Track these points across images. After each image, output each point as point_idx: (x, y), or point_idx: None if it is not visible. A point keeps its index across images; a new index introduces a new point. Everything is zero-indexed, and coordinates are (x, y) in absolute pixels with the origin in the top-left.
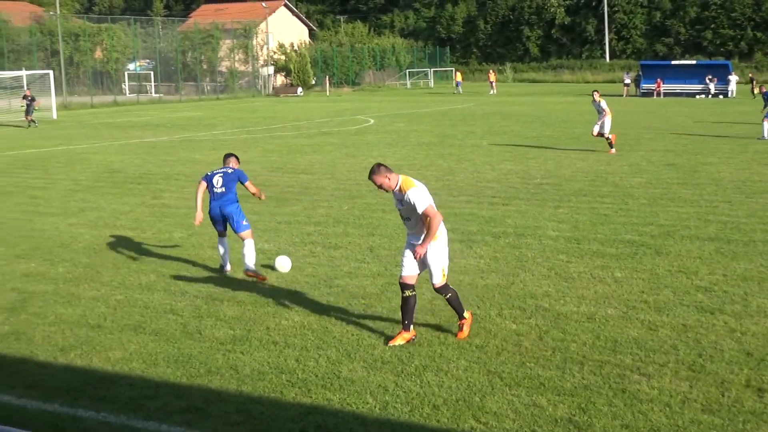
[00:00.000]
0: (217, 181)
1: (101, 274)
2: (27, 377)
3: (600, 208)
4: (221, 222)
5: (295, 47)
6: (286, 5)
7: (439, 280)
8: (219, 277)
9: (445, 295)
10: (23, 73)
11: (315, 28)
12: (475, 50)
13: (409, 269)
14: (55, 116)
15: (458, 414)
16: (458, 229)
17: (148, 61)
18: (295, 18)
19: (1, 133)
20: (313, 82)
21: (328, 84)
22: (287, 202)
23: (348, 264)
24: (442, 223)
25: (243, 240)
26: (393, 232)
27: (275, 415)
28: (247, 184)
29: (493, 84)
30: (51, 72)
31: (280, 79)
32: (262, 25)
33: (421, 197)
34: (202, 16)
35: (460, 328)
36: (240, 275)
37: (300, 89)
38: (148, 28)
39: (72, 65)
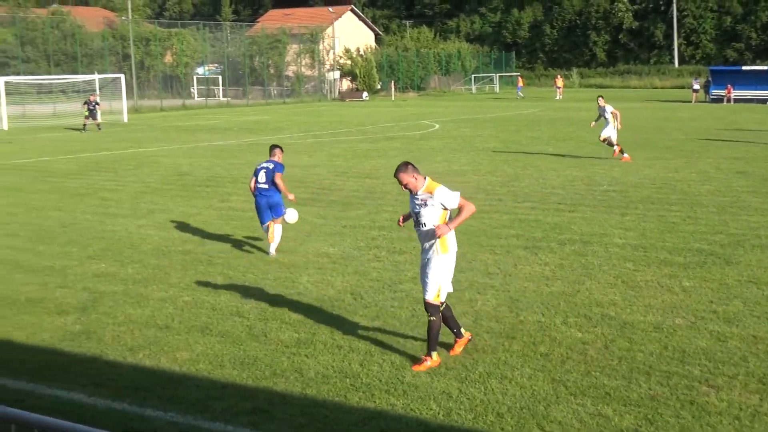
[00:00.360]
0: (261, 177)
1: (169, 275)
2: (97, 376)
3: (668, 216)
4: (268, 213)
5: (361, 52)
6: (352, 10)
7: (431, 296)
8: (285, 280)
9: (429, 316)
10: (95, 76)
11: (381, 33)
12: (541, 55)
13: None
14: (125, 119)
15: (522, 422)
16: (523, 236)
17: (216, 65)
18: (361, 23)
19: (73, 135)
20: (379, 87)
21: (393, 89)
22: (352, 206)
23: (412, 269)
24: (455, 239)
25: (275, 224)
26: (457, 238)
27: (339, 418)
28: (277, 177)
29: (560, 89)
30: (122, 76)
31: (346, 84)
32: (329, 30)
33: (450, 193)
34: (270, 21)
35: (421, 362)
36: (305, 279)
37: (365, 94)
38: (217, 32)
39: (143, 69)
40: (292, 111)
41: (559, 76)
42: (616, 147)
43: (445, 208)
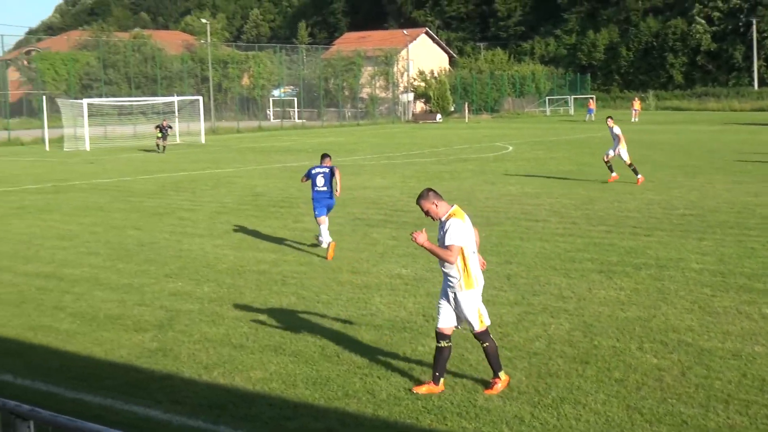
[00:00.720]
0: (319, 180)
1: (244, 294)
2: (173, 393)
3: (747, 241)
4: (323, 209)
5: (435, 74)
6: (427, 33)
7: (478, 326)
8: (357, 301)
9: (483, 343)
10: (175, 98)
11: (455, 55)
12: (616, 77)
13: (446, 320)
14: (203, 140)
15: None
16: (597, 260)
17: (292, 87)
18: (435, 45)
19: (152, 156)
20: (452, 109)
21: (467, 111)
22: (424, 227)
23: (485, 292)
24: (480, 275)
25: (323, 224)
26: (531, 261)
27: None
28: (337, 173)
29: (636, 112)
30: (200, 98)
31: (420, 106)
32: (403, 53)
33: (455, 232)
34: (345, 44)
35: (491, 386)
36: (378, 300)
37: (439, 116)
38: (293, 55)
39: (220, 91)
40: (365, 133)
41: (636, 99)
42: (608, 161)
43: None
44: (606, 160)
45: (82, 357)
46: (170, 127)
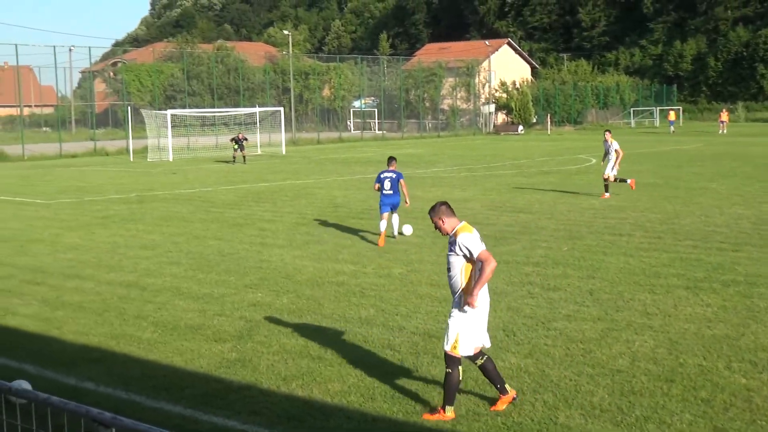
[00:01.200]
0: (387, 184)
1: (323, 306)
2: (252, 404)
3: None
4: (387, 207)
5: (517, 85)
6: (509, 43)
7: (449, 346)
8: (437, 315)
9: (447, 368)
10: (256, 110)
11: (537, 66)
12: (704, 88)
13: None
14: (284, 151)
15: None
16: (683, 275)
17: (372, 98)
18: (517, 56)
19: (236, 167)
20: (534, 121)
21: (549, 122)
22: (506, 241)
23: (567, 306)
24: (487, 294)
25: (394, 214)
26: (614, 276)
27: None
28: (402, 183)
29: (724, 124)
30: (282, 109)
31: (501, 117)
32: (485, 64)
33: (473, 242)
34: (426, 55)
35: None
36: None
37: (521, 127)
38: (374, 66)
39: (301, 102)
40: (446, 144)
41: (724, 110)
42: (608, 183)
43: (468, 259)
44: (610, 178)
45: (163, 366)
46: (246, 139)
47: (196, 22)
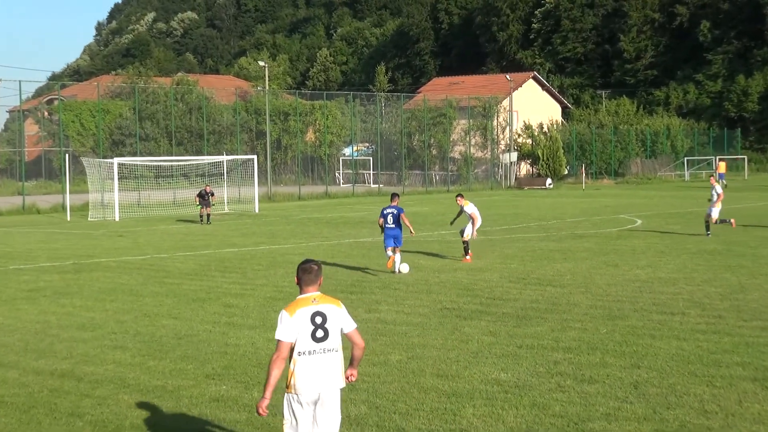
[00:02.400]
0: (389, 219)
1: None
2: None
3: None
4: (391, 241)
5: (545, 129)
6: (535, 78)
7: None
8: (444, 413)
9: None
10: (224, 158)
11: (570, 106)
12: None
13: None
14: (257, 209)
15: None
16: (750, 364)
17: (367, 144)
18: (545, 93)
19: (194, 228)
20: (566, 172)
21: (584, 174)
22: (530, 320)
23: (606, 403)
24: (306, 383)
25: (397, 252)
26: (664, 364)
27: None
28: (403, 216)
29: None
30: (255, 157)
31: (525, 168)
32: (505, 102)
33: (278, 324)
34: (433, 91)
35: None
36: (470, 412)
37: (549, 181)
38: (369, 105)
39: (279, 149)
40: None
41: None
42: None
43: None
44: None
45: None
46: (212, 194)
47: (151, 51)
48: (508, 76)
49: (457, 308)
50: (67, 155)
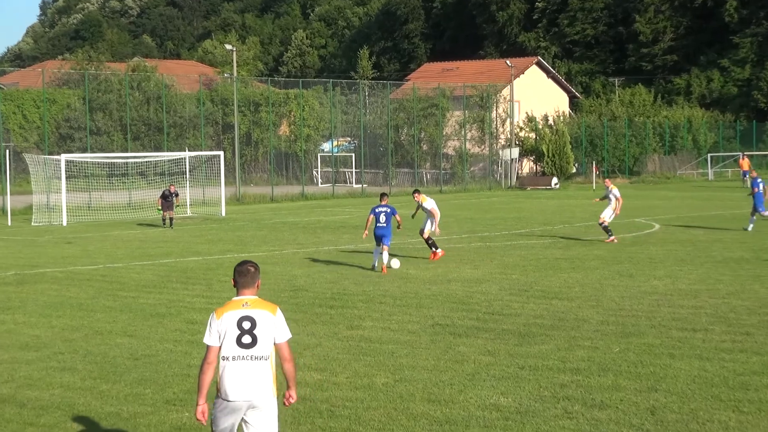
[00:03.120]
0: (382, 218)
1: None
2: None
3: None
4: (380, 241)
5: (551, 121)
6: (539, 63)
7: None
8: None
9: None
10: (186, 154)
11: (579, 95)
12: None
13: None
14: (223, 212)
15: None
16: None
17: (349, 139)
18: (550, 81)
19: (153, 234)
20: (574, 170)
21: (594, 172)
22: (533, 338)
23: (619, 431)
24: (233, 387)
25: (385, 251)
26: (685, 387)
27: None
28: (397, 217)
29: None
30: (221, 153)
31: (528, 166)
32: (505, 91)
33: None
34: (424, 79)
35: None
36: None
37: (555, 180)
38: (351, 95)
39: (249, 144)
40: (452, 203)
41: None
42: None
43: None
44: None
45: None
46: (176, 195)
47: (103, 33)
48: (508, 62)
49: (451, 324)
50: (7, 151)
